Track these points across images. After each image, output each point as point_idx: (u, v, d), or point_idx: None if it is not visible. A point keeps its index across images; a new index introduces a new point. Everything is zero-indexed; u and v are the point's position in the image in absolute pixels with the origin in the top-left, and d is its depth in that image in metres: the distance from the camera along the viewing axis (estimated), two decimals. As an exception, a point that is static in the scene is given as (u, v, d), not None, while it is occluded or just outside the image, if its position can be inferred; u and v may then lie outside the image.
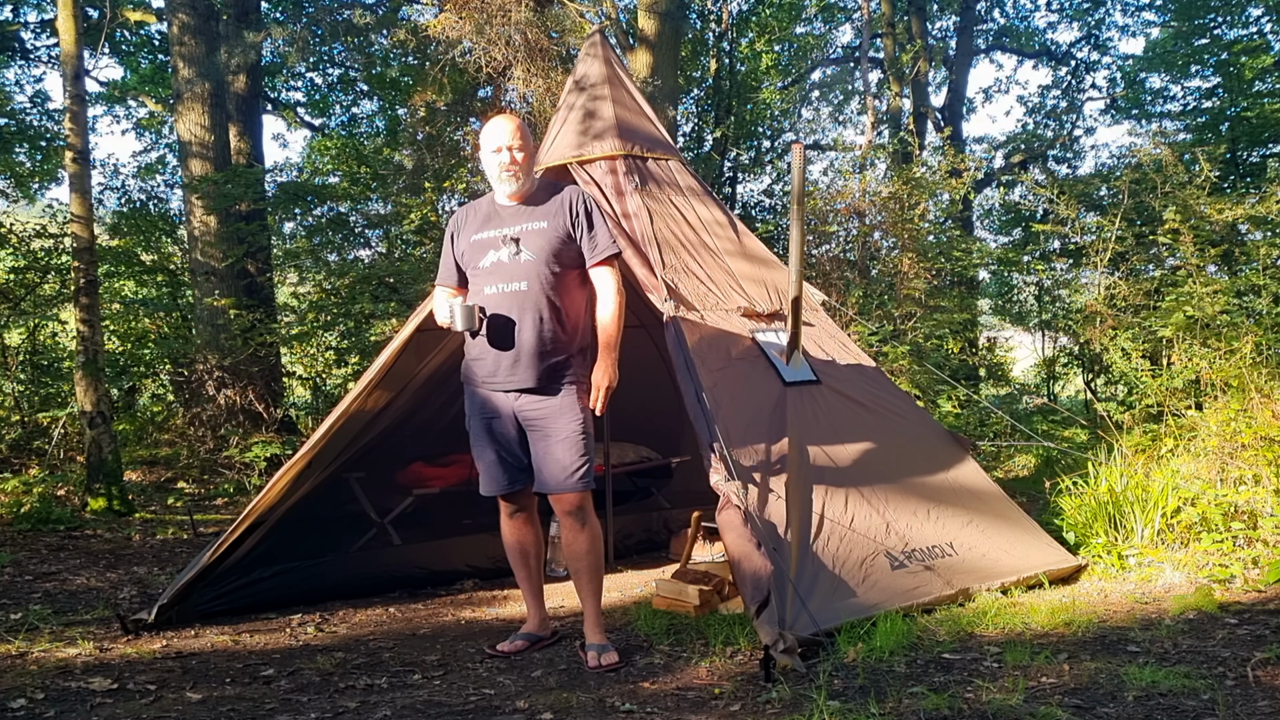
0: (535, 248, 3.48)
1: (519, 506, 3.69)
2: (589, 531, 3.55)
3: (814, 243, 9.67)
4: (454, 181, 9.80)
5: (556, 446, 3.46)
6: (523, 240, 3.49)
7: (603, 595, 3.69)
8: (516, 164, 3.49)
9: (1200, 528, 4.59)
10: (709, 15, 14.97)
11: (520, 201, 3.57)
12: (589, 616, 3.59)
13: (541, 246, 3.48)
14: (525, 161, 3.52)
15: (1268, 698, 2.82)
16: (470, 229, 3.61)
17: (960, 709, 2.80)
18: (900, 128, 14.85)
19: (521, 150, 3.49)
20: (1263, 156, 11.13)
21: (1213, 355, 5.88)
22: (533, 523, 3.75)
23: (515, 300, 3.47)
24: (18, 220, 9.56)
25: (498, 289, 3.50)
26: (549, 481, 3.49)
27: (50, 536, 6.18)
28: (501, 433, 3.58)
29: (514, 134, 3.48)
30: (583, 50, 5.22)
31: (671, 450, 5.89)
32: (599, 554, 3.62)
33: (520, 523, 3.71)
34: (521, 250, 3.48)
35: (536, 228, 3.50)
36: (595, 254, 3.53)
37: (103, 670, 3.44)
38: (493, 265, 3.52)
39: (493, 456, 3.60)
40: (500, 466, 3.60)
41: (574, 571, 3.61)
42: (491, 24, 8.89)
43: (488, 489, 3.66)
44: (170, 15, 10.02)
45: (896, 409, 4.64)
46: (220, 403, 9.06)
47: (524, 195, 3.57)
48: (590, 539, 3.56)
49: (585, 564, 3.56)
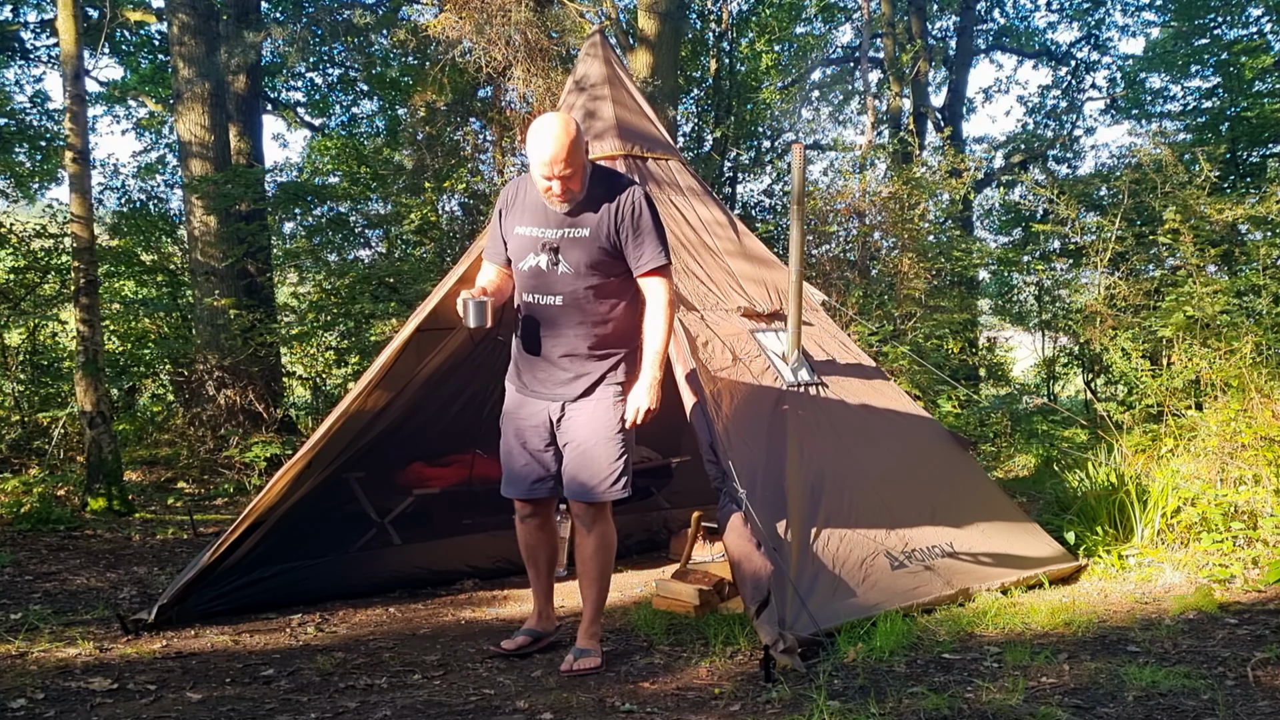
0: (573, 260, 3.29)
1: (533, 511, 3.60)
2: (599, 534, 3.46)
3: (814, 243, 9.67)
4: (454, 181, 9.80)
5: (593, 451, 3.37)
6: (562, 250, 3.29)
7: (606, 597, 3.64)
8: (568, 191, 3.22)
9: (1200, 528, 4.59)
10: (709, 15, 14.96)
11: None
12: (583, 618, 3.54)
13: (580, 259, 3.28)
14: (577, 184, 3.23)
15: (1268, 698, 2.82)
16: (516, 214, 3.39)
17: (960, 709, 2.80)
18: (900, 128, 14.85)
19: (573, 176, 3.19)
20: (1263, 156, 11.12)
21: (1213, 355, 5.87)
22: (547, 528, 3.65)
23: (550, 314, 3.34)
24: (18, 220, 9.55)
25: (534, 299, 3.35)
26: (580, 490, 3.39)
27: (50, 536, 6.18)
28: (533, 437, 3.48)
29: (562, 158, 3.14)
30: (583, 50, 5.22)
31: (671, 450, 5.88)
32: (607, 560, 3.52)
33: (534, 527, 3.62)
34: (560, 261, 3.29)
35: (578, 236, 3.29)
36: (639, 266, 3.32)
37: (103, 670, 3.44)
38: (530, 271, 3.34)
39: (520, 460, 3.51)
40: (525, 471, 3.51)
41: (580, 572, 3.56)
42: (491, 24, 8.89)
43: (509, 490, 3.57)
44: (170, 15, 10.02)
45: (896, 409, 4.64)
46: (220, 403, 9.06)
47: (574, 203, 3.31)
48: (597, 543, 3.47)
49: (589, 566, 3.50)
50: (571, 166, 3.17)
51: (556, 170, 3.16)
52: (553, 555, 3.74)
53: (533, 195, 3.34)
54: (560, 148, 3.14)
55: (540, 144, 3.16)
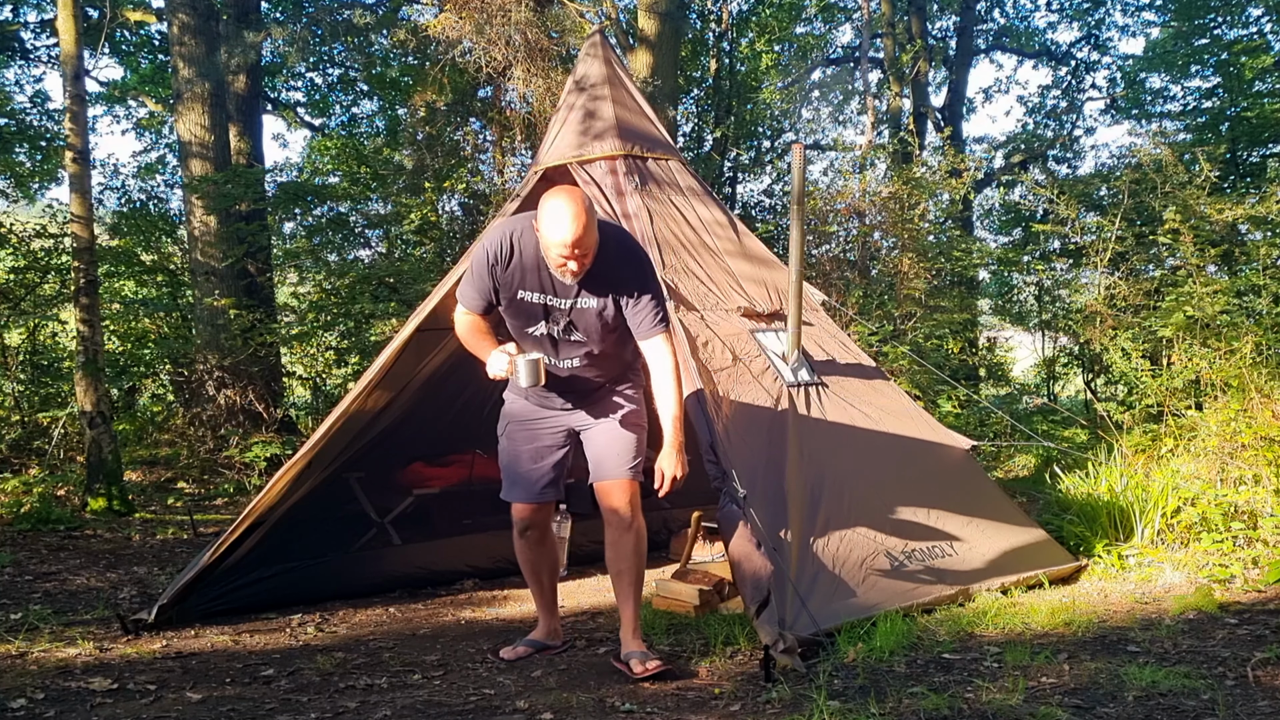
0: (586, 328, 3.29)
1: (532, 522, 3.55)
2: (635, 530, 3.41)
3: (814, 243, 9.67)
4: (454, 181, 9.81)
5: (617, 429, 3.41)
6: (575, 319, 3.28)
7: (607, 596, 3.63)
8: (580, 269, 3.17)
9: (1200, 528, 4.60)
10: (709, 15, 14.96)
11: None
12: (627, 622, 3.43)
13: (592, 327, 3.29)
14: (590, 261, 3.17)
15: (1268, 698, 2.82)
16: (516, 276, 3.26)
17: (960, 709, 2.80)
18: (900, 128, 14.85)
19: (586, 254, 3.13)
20: (1263, 156, 11.12)
21: (1213, 355, 5.88)
22: (545, 541, 3.63)
23: (569, 370, 3.37)
24: (18, 220, 9.56)
25: (550, 361, 3.33)
26: (608, 467, 3.39)
27: (50, 536, 6.18)
28: (542, 445, 3.49)
29: (583, 241, 3.08)
30: (583, 50, 5.22)
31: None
32: (643, 556, 3.47)
33: (534, 541, 3.58)
34: (574, 332, 3.30)
35: (587, 306, 3.26)
36: (641, 331, 3.28)
37: (103, 670, 3.44)
38: (541, 337, 3.33)
39: (526, 465, 3.49)
40: (532, 474, 3.49)
41: (615, 572, 3.46)
42: (491, 24, 8.89)
43: (511, 495, 3.54)
44: (170, 15, 10.02)
45: (896, 409, 4.64)
46: (220, 403, 9.06)
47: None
48: (637, 538, 3.42)
49: (629, 564, 3.42)
50: (589, 247, 3.13)
51: (576, 253, 3.10)
52: (554, 566, 3.73)
53: (531, 257, 3.24)
54: (581, 230, 3.06)
55: (559, 225, 3.07)
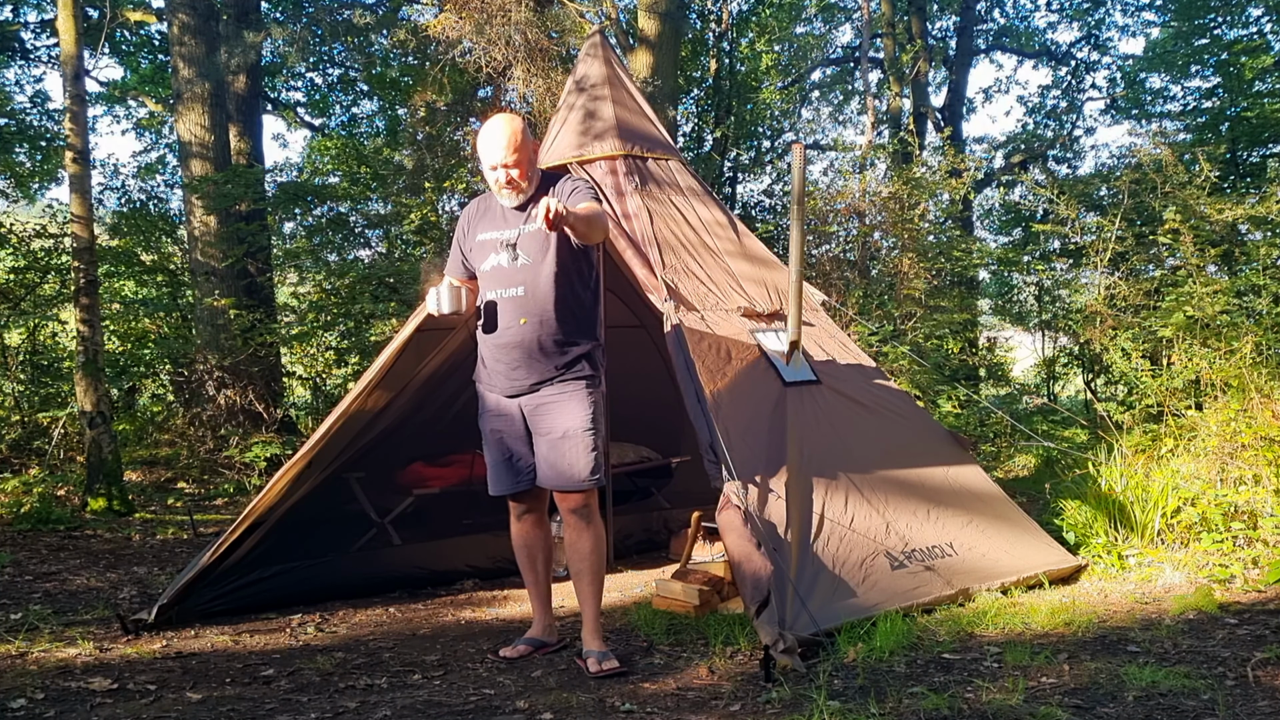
0: (531, 251, 3.44)
1: (528, 507, 3.65)
2: (593, 531, 3.51)
3: (814, 243, 9.67)
4: (454, 181, 9.80)
5: (565, 443, 3.43)
6: (520, 244, 3.45)
7: (603, 595, 3.66)
8: (514, 181, 3.42)
9: (1200, 528, 4.59)
10: (709, 15, 14.97)
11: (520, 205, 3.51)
12: (588, 621, 3.53)
13: (537, 249, 3.43)
14: (523, 175, 3.42)
15: (1268, 698, 2.82)
16: (477, 227, 3.58)
17: (960, 709, 2.80)
18: (900, 128, 14.85)
19: (517, 166, 3.39)
20: (1263, 156, 11.12)
21: (1213, 355, 5.87)
22: (542, 524, 3.70)
23: (515, 305, 3.45)
24: (18, 220, 9.56)
25: (497, 293, 3.49)
26: (556, 479, 3.46)
27: (50, 536, 6.18)
28: (510, 434, 3.56)
29: (508, 150, 3.36)
30: (583, 50, 5.22)
31: (671, 450, 5.88)
32: (602, 556, 3.58)
33: (530, 524, 3.67)
34: (519, 254, 3.44)
35: (532, 230, 3.44)
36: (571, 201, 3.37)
37: (103, 670, 3.44)
38: (493, 270, 3.50)
39: (501, 457, 3.58)
40: (508, 467, 3.58)
41: (575, 573, 3.57)
42: (491, 24, 8.89)
43: (496, 489, 3.63)
44: (170, 15, 10.02)
45: (896, 409, 4.64)
46: (220, 403, 9.06)
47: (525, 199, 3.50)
48: (594, 539, 3.52)
49: (588, 564, 3.52)
50: (520, 162, 3.38)
51: (504, 159, 3.36)
52: (549, 555, 3.75)
53: (492, 206, 3.56)
54: (506, 141, 3.36)
55: (487, 140, 3.39)
